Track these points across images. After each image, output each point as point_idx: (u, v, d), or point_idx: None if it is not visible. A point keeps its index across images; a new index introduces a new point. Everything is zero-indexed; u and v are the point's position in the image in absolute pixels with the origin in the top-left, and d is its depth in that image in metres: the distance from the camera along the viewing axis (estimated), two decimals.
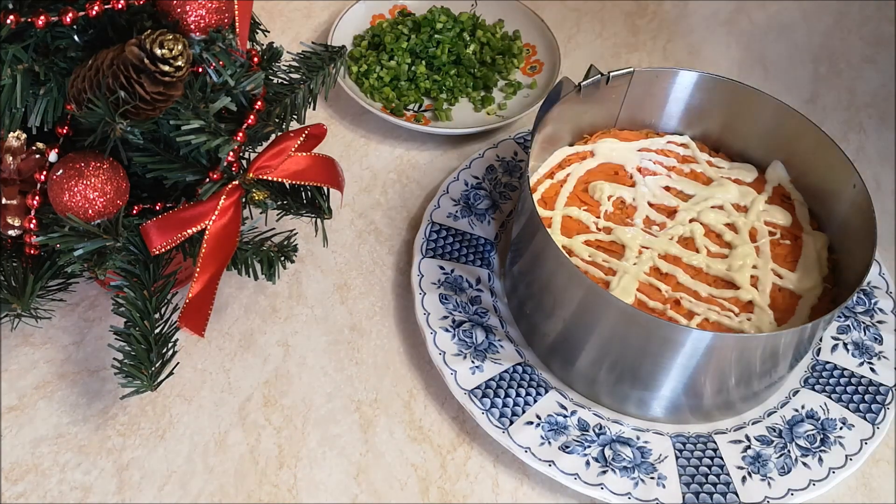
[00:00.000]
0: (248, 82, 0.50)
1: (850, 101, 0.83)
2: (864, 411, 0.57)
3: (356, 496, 0.54)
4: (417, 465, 0.56)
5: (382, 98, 0.76)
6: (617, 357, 0.54)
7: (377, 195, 0.71)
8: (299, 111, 0.57)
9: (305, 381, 0.59)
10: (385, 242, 0.67)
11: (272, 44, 0.56)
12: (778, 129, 0.63)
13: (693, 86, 0.64)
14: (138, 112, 0.46)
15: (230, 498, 0.53)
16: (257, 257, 0.56)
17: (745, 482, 0.54)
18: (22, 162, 0.48)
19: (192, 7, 0.46)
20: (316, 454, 0.56)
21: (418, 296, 0.60)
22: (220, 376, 0.59)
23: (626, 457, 0.54)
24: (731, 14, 0.91)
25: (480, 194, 0.68)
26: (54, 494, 0.53)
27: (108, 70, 0.44)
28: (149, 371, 0.49)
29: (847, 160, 0.58)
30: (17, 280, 0.49)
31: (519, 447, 0.54)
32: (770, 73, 0.85)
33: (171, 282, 0.52)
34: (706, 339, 0.50)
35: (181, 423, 0.56)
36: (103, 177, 0.47)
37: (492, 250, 0.65)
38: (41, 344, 0.59)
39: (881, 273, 0.65)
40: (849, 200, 0.58)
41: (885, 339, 0.61)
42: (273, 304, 0.63)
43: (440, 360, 0.57)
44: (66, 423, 0.56)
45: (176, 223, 0.50)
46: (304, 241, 0.65)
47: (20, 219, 0.49)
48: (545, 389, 0.57)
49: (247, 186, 0.52)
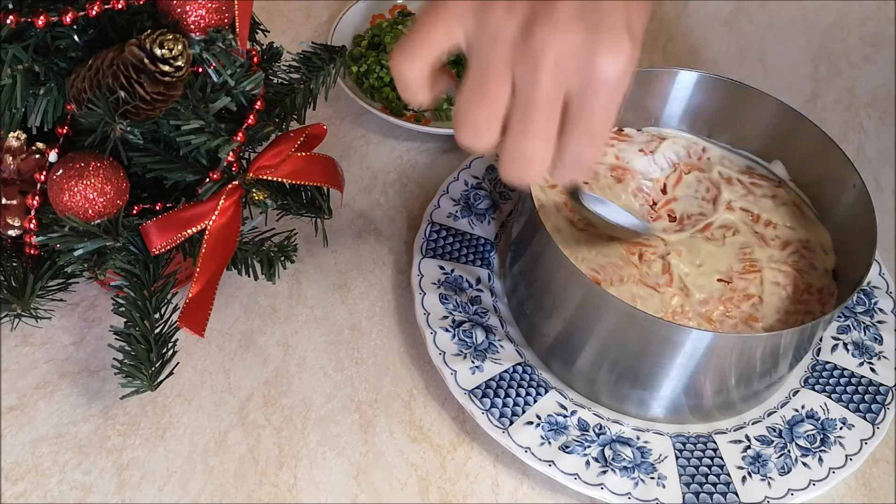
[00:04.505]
0: (248, 82, 0.50)
1: (850, 101, 0.83)
2: (864, 411, 0.57)
3: (356, 496, 0.54)
4: (417, 465, 0.56)
5: (382, 98, 0.76)
6: (617, 357, 0.54)
7: (377, 195, 0.71)
8: (299, 111, 0.57)
9: (305, 381, 0.59)
10: (385, 242, 0.67)
11: (272, 44, 0.56)
12: (778, 129, 0.63)
13: (693, 86, 0.64)
14: (138, 112, 0.46)
15: (230, 498, 0.53)
16: (257, 257, 0.56)
17: (745, 482, 0.54)
18: (22, 162, 0.48)
19: (192, 7, 0.46)
20: (316, 454, 0.56)
21: (418, 296, 0.60)
22: (220, 376, 0.59)
23: (626, 457, 0.54)
24: (731, 14, 0.91)
25: (480, 194, 0.68)
26: (54, 494, 0.53)
27: (108, 70, 0.44)
28: (149, 371, 0.49)
29: (847, 160, 0.58)
30: (17, 280, 0.49)
31: (519, 447, 0.54)
32: (770, 73, 0.85)
33: (171, 282, 0.52)
34: (706, 339, 0.50)
35: (181, 423, 0.56)
36: (103, 177, 0.47)
37: (492, 250, 0.65)
38: (41, 344, 0.59)
39: (881, 273, 0.65)
40: (849, 200, 0.58)
41: (885, 339, 0.61)
42: (273, 304, 0.63)
43: (440, 360, 0.57)
44: (66, 423, 0.56)
45: (176, 223, 0.50)
46: (304, 241, 0.65)
47: (20, 219, 0.49)
48: (545, 389, 0.57)
49: (247, 186, 0.52)
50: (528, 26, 0.37)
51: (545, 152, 0.39)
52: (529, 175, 0.40)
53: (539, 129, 0.38)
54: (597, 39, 0.37)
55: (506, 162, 0.40)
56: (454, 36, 0.39)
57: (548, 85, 0.37)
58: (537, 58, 0.36)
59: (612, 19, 0.37)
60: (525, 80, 0.37)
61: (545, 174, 0.40)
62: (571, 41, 0.36)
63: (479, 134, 0.39)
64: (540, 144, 0.39)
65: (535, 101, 0.37)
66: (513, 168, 0.40)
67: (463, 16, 0.38)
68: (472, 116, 0.39)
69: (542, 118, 0.38)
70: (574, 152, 0.39)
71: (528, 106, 0.38)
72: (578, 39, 0.36)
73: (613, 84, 0.37)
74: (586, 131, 0.39)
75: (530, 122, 0.38)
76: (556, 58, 0.36)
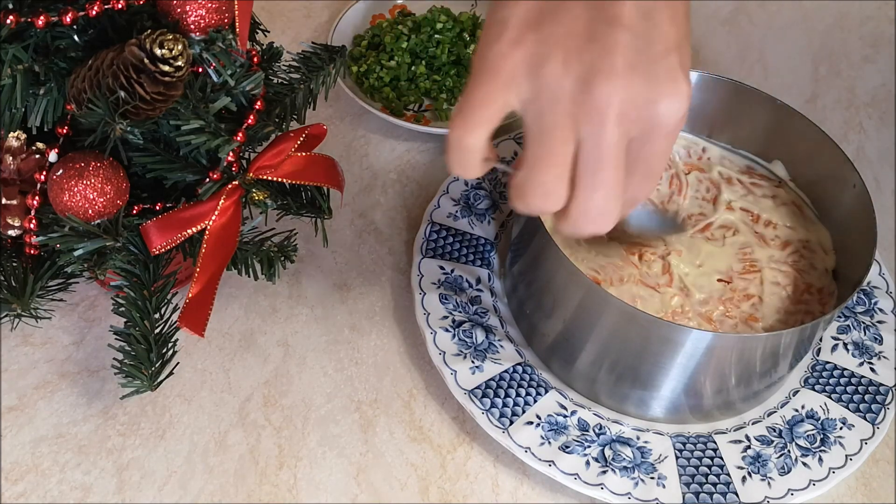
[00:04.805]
0: (248, 82, 0.50)
1: (850, 101, 0.83)
2: (864, 411, 0.57)
3: (356, 496, 0.54)
4: (417, 464, 0.56)
5: (382, 98, 0.76)
6: (617, 357, 0.54)
7: (377, 195, 0.71)
8: (299, 111, 0.57)
9: (305, 381, 0.59)
10: (385, 242, 0.67)
11: (272, 44, 0.56)
12: (778, 129, 0.63)
13: (693, 86, 0.63)
14: (138, 112, 0.46)
15: (230, 498, 0.53)
16: (257, 257, 0.56)
17: (745, 482, 0.54)
18: (22, 162, 0.48)
19: (192, 7, 0.46)
20: (316, 454, 0.56)
21: (418, 296, 0.60)
22: (220, 376, 0.59)
23: (626, 457, 0.54)
24: (731, 14, 0.91)
25: (480, 194, 0.68)
26: (54, 494, 0.53)
27: (108, 70, 0.44)
28: (149, 371, 0.49)
29: (847, 160, 0.58)
30: (17, 280, 0.49)
31: (519, 447, 0.54)
32: (770, 73, 0.85)
33: (171, 282, 0.52)
34: (706, 339, 0.50)
35: (181, 423, 0.56)
36: (103, 177, 0.47)
37: (492, 250, 0.65)
38: (41, 344, 0.59)
39: (881, 273, 0.65)
40: (849, 200, 0.58)
41: (885, 339, 0.61)
42: (273, 304, 0.63)
43: (440, 360, 0.57)
44: (66, 423, 0.56)
45: (176, 223, 0.50)
46: (304, 241, 0.65)
47: (20, 219, 0.49)
48: (545, 389, 0.57)
49: (247, 186, 0.52)
50: (587, 82, 0.36)
51: (617, 202, 0.39)
52: (605, 226, 0.40)
53: (609, 181, 0.38)
54: (656, 87, 0.37)
55: (578, 218, 0.40)
56: (512, 99, 0.38)
57: (614, 137, 0.37)
58: (602, 112, 0.36)
59: (668, 63, 0.37)
60: (591, 136, 0.37)
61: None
62: (633, 91, 0.36)
63: (550, 196, 0.39)
64: (612, 196, 0.39)
65: (604, 155, 0.37)
66: (587, 223, 0.40)
67: (519, 77, 0.37)
68: (542, 179, 0.38)
69: (612, 170, 0.38)
70: (633, 193, 0.40)
71: (597, 161, 0.37)
72: (639, 89, 0.36)
73: (674, 126, 0.38)
74: (646, 173, 0.39)
75: (601, 176, 0.38)
76: (620, 110, 0.36)
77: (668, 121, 0.37)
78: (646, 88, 0.37)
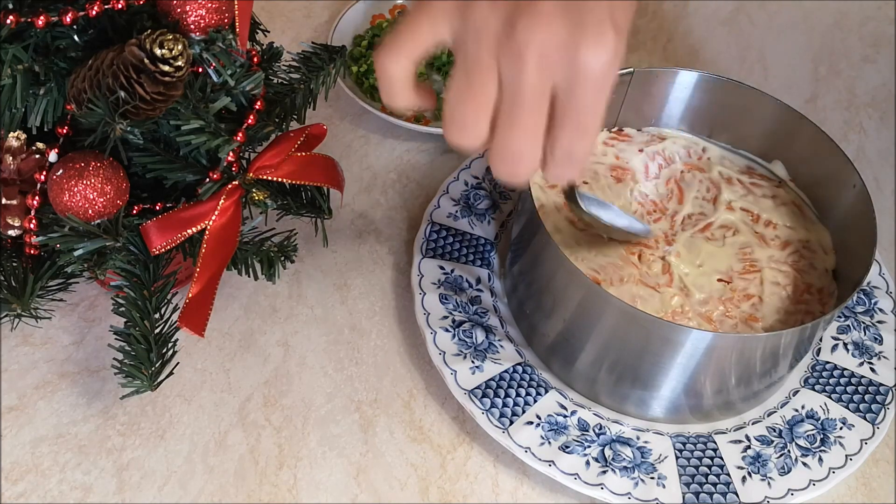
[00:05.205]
0: (248, 82, 0.50)
1: (850, 101, 0.83)
2: (864, 411, 0.57)
3: (356, 496, 0.54)
4: (417, 465, 0.56)
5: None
6: (617, 357, 0.54)
7: (377, 195, 0.71)
8: (299, 111, 0.57)
9: (305, 381, 0.59)
10: (385, 242, 0.67)
11: (272, 44, 0.56)
12: (778, 129, 0.63)
13: (693, 86, 0.64)
14: (138, 112, 0.46)
15: (230, 498, 0.53)
16: (257, 257, 0.56)
17: (745, 482, 0.54)
18: (22, 162, 0.48)
19: (192, 7, 0.46)
20: (316, 454, 0.56)
21: (418, 296, 0.60)
22: (220, 376, 0.59)
23: (626, 457, 0.54)
24: (731, 14, 0.91)
25: (480, 194, 0.68)
26: (54, 494, 0.53)
27: (108, 70, 0.44)
28: (149, 371, 0.49)
29: (847, 160, 0.58)
30: (17, 280, 0.49)
31: (519, 447, 0.54)
32: (770, 73, 0.85)
33: (171, 282, 0.52)
34: (706, 339, 0.50)
35: (181, 423, 0.56)
36: (103, 177, 0.47)
37: (492, 250, 0.65)
38: (41, 344, 0.59)
39: (881, 273, 0.65)
40: (849, 200, 0.58)
41: (885, 339, 0.61)
42: (273, 304, 0.63)
43: (440, 360, 0.57)
44: (66, 423, 0.56)
45: (176, 223, 0.50)
46: (304, 241, 0.65)
47: (20, 219, 0.49)
48: (545, 389, 0.57)
49: (247, 186, 0.52)
50: (511, 21, 0.36)
51: (533, 147, 0.39)
52: (519, 171, 0.40)
53: (526, 124, 0.38)
54: (580, 33, 0.36)
55: (495, 158, 0.40)
56: (439, 33, 0.39)
57: (532, 79, 0.37)
58: (521, 52, 0.36)
59: (596, 13, 0.37)
60: (510, 75, 0.37)
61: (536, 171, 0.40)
62: (554, 35, 0.36)
63: (467, 131, 0.39)
64: (528, 139, 0.39)
65: (521, 96, 0.37)
66: (502, 164, 0.40)
67: (448, 13, 0.38)
68: (460, 113, 0.39)
69: (529, 112, 0.38)
70: (564, 148, 0.39)
71: (513, 101, 0.38)
72: (561, 33, 0.36)
73: (599, 77, 0.37)
74: (575, 126, 0.39)
75: (517, 116, 0.38)
76: (540, 52, 0.36)
77: (592, 71, 0.37)
78: (568, 33, 0.36)
